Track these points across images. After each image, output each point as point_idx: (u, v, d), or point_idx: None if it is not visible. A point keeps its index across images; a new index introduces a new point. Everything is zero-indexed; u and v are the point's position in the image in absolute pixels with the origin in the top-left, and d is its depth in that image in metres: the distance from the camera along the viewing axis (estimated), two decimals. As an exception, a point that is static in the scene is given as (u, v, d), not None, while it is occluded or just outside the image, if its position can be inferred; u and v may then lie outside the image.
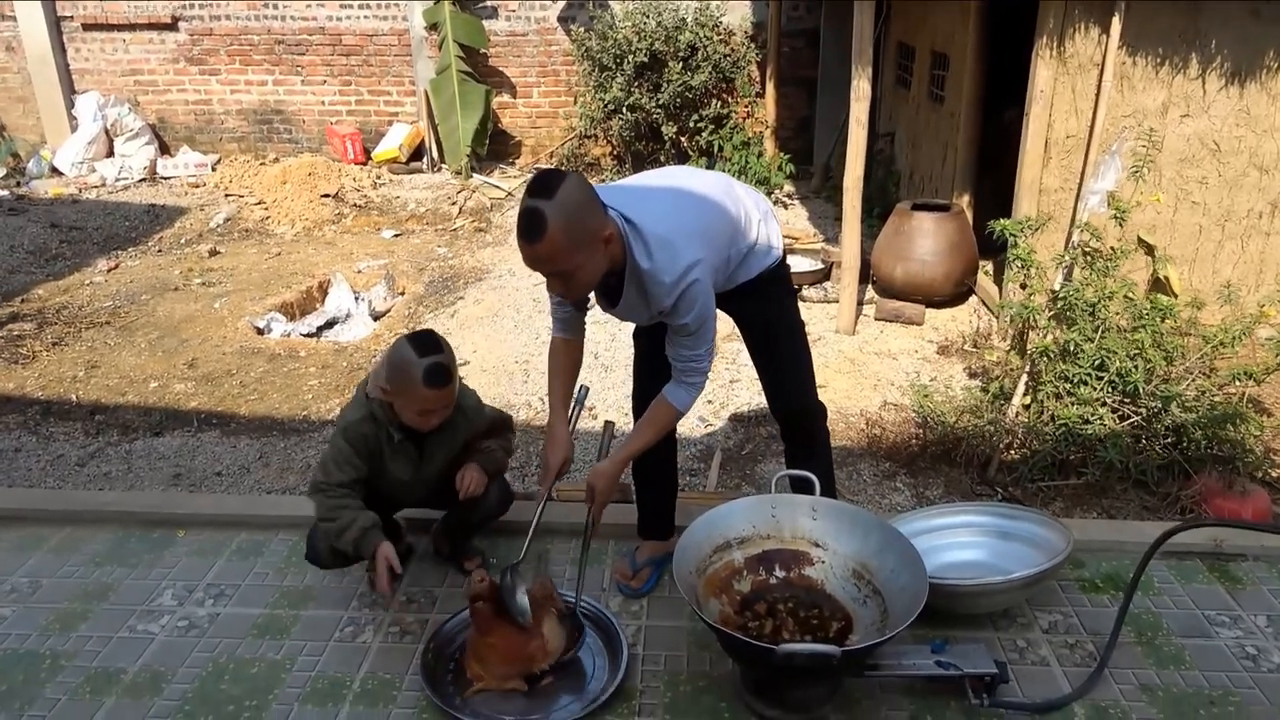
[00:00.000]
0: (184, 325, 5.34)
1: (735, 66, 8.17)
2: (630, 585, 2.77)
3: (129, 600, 2.75)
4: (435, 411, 2.45)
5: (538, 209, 2.02)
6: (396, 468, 2.58)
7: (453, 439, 2.65)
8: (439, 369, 2.38)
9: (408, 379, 2.37)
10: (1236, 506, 3.27)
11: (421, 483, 2.67)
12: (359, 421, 2.51)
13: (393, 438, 2.52)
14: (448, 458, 2.67)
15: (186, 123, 9.22)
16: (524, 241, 2.06)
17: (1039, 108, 4.55)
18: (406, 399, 2.41)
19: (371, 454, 2.53)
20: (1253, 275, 4.80)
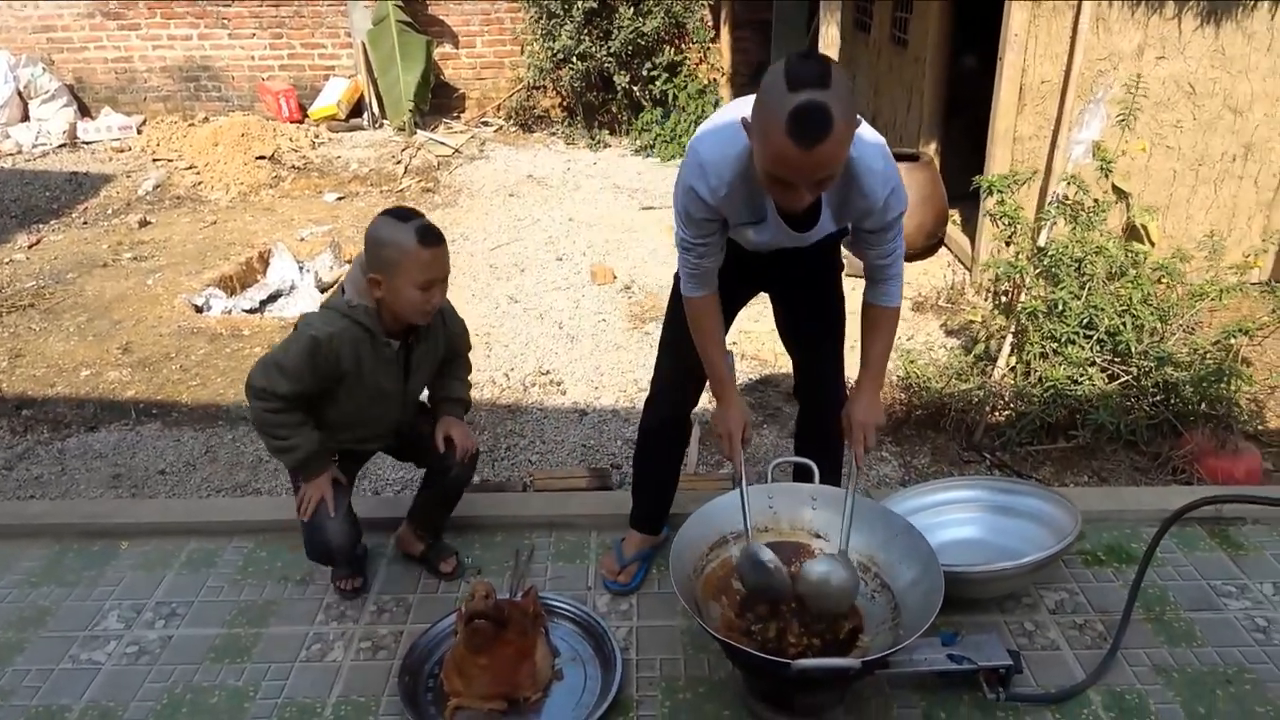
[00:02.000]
0: (115, 305, 4.99)
1: (687, 10, 7.86)
2: (618, 581, 2.60)
3: (69, 625, 2.51)
4: (437, 284, 2.19)
5: (822, 103, 1.61)
6: (383, 379, 2.31)
7: (436, 348, 2.42)
8: (430, 228, 2.16)
9: (401, 250, 2.11)
10: (1229, 466, 3.21)
11: (404, 403, 2.42)
12: (339, 334, 2.20)
13: (383, 344, 2.25)
14: (431, 371, 2.46)
15: (107, 82, 8.64)
16: (803, 145, 1.63)
17: (1013, 53, 4.38)
18: (405, 276, 2.13)
19: (345, 373, 2.24)
20: (1225, 220, 4.72)
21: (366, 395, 2.32)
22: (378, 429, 2.46)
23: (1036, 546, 2.49)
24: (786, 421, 3.70)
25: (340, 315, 2.22)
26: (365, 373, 2.27)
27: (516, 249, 5.57)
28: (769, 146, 1.69)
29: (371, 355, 2.26)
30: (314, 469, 2.35)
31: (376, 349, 2.26)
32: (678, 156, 7.35)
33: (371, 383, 2.30)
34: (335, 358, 2.21)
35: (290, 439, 2.27)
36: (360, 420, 2.39)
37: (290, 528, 2.85)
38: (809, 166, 1.68)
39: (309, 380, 2.21)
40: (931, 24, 5.38)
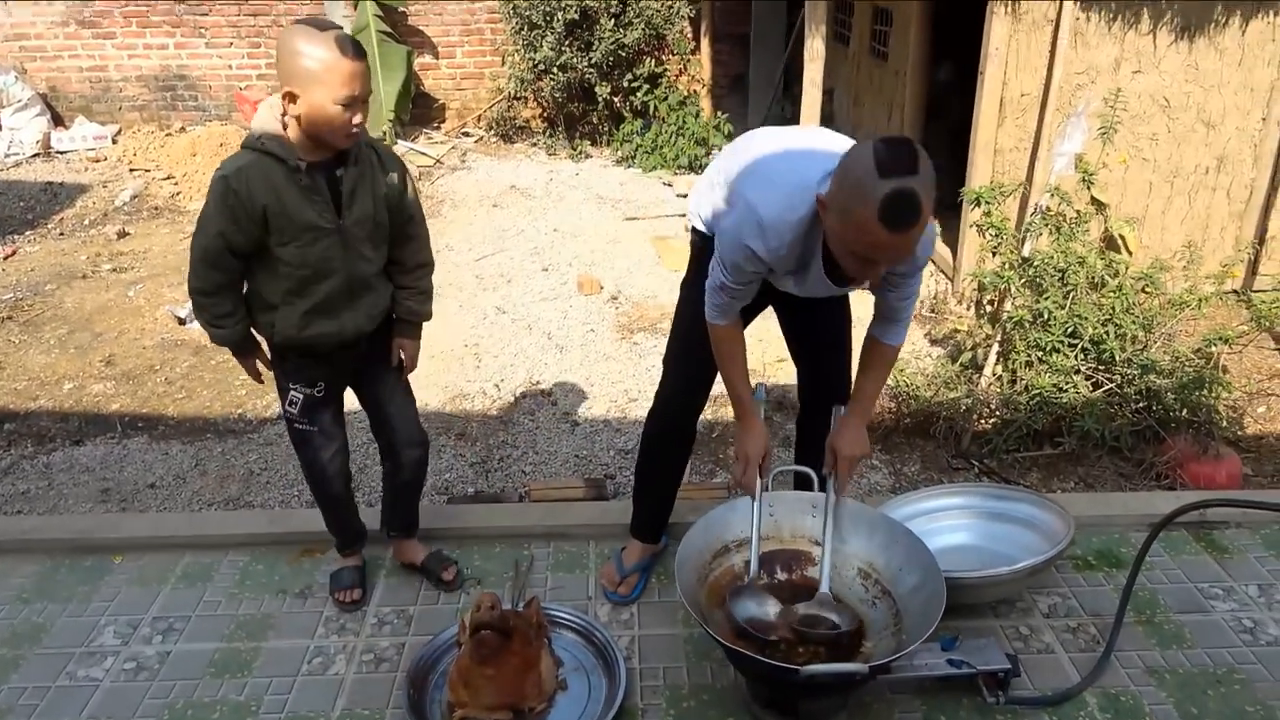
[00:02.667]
0: (97, 317, 4.93)
1: (667, 23, 7.91)
2: (619, 592, 2.61)
3: (66, 641, 2.48)
4: (358, 100, 1.99)
5: (913, 191, 1.67)
6: (312, 213, 2.10)
7: (373, 179, 2.19)
8: (349, 38, 1.99)
9: (319, 60, 1.93)
10: (1211, 471, 3.28)
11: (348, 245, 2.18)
12: (246, 167, 2.03)
13: (298, 170, 2.05)
14: (372, 206, 2.19)
15: (81, 91, 8.54)
16: (898, 231, 1.70)
17: (993, 66, 4.45)
18: (323, 89, 1.95)
19: (267, 211, 2.05)
20: (1200, 230, 4.83)
21: (300, 235, 2.12)
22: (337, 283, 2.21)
23: (1030, 552, 2.53)
24: (778, 430, 3.74)
25: (246, 150, 2.07)
26: (288, 206, 2.07)
27: (502, 259, 5.58)
28: (858, 230, 1.74)
29: (287, 184, 2.06)
30: (242, 349, 2.32)
31: (290, 177, 2.06)
32: (659, 167, 7.40)
33: (299, 217, 2.09)
34: (248, 193, 2.03)
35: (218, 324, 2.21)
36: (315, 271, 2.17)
37: (287, 540, 2.85)
38: (896, 249, 1.76)
39: (229, 228, 2.05)
40: (911, 37, 5.46)
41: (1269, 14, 4.40)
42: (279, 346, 2.31)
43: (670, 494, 2.69)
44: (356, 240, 2.20)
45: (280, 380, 2.37)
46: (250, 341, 2.31)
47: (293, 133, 2.05)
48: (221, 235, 2.07)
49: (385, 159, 2.25)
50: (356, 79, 1.98)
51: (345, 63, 1.95)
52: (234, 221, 2.05)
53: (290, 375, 2.34)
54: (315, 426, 2.41)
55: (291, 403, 2.37)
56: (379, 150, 2.24)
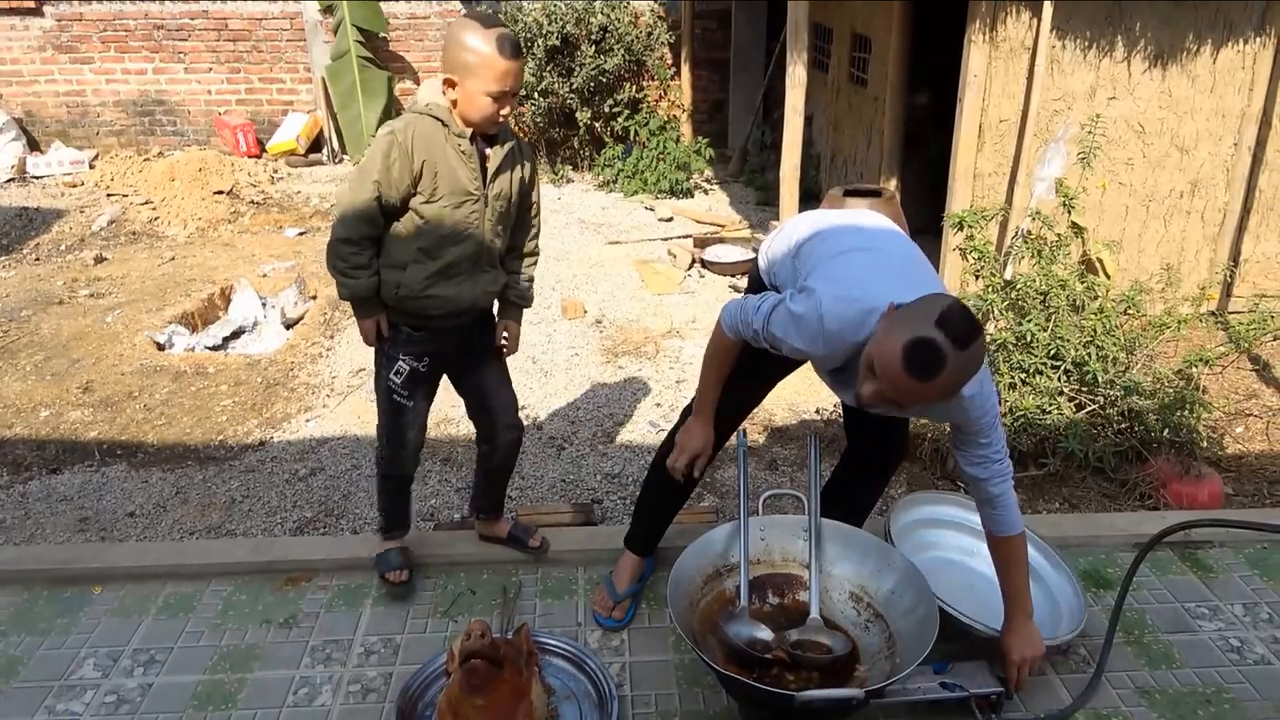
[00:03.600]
0: (74, 344, 4.87)
1: (647, 49, 7.98)
2: (612, 617, 2.59)
3: (44, 675, 2.43)
4: (508, 94, 2.21)
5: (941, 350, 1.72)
6: (464, 175, 2.30)
7: (516, 162, 2.41)
8: (512, 38, 2.19)
9: (480, 55, 2.15)
10: (1193, 490, 3.31)
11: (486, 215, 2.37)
12: (413, 124, 2.24)
13: (460, 137, 2.27)
14: (510, 185, 2.40)
15: (58, 116, 8.49)
16: (908, 373, 1.74)
17: (972, 93, 4.52)
18: (479, 81, 2.17)
19: (424, 167, 2.26)
20: (1175, 254, 4.90)
21: (452, 194, 2.30)
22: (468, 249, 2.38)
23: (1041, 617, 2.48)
24: (764, 455, 3.74)
25: (414, 114, 2.28)
26: (444, 166, 2.28)
27: (485, 284, 5.56)
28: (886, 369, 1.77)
29: (445, 146, 2.27)
30: (363, 307, 2.42)
31: (450, 141, 2.28)
32: (640, 192, 7.43)
33: (452, 178, 2.29)
34: (411, 149, 2.24)
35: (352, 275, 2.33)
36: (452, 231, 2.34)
37: (270, 570, 2.81)
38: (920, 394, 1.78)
39: (385, 180, 2.24)
40: (891, 65, 5.53)
41: (1239, 42, 4.50)
42: (395, 310, 2.44)
43: (672, 514, 2.69)
44: (494, 213, 2.40)
45: (391, 350, 2.49)
46: (376, 300, 2.42)
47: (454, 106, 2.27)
48: (377, 185, 2.25)
49: (524, 150, 2.46)
50: (509, 76, 2.19)
51: (501, 61, 2.16)
52: (390, 175, 2.24)
53: (401, 345, 2.48)
54: (411, 401, 2.54)
55: (398, 372, 2.50)
56: (520, 142, 2.44)
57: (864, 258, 2.08)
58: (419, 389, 2.55)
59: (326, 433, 3.94)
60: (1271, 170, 4.75)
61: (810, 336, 1.96)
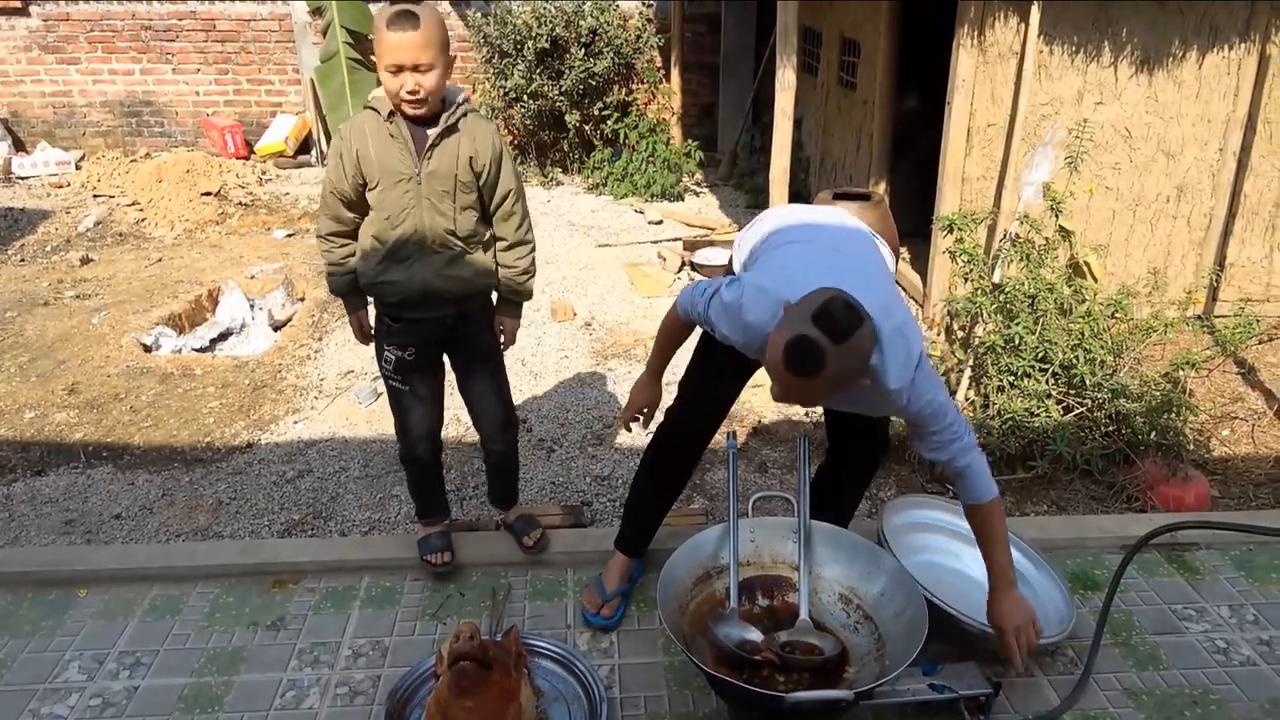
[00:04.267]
0: (59, 345, 4.83)
1: (637, 52, 7.98)
2: (602, 615, 2.59)
3: (28, 678, 2.41)
4: (407, 70, 2.22)
5: (816, 344, 1.73)
6: (394, 158, 2.35)
7: (459, 141, 2.37)
8: (404, 11, 2.20)
9: (377, 30, 2.22)
10: (1180, 493, 3.32)
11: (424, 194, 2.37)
12: (350, 121, 2.39)
13: (389, 120, 2.33)
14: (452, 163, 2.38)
15: (44, 116, 8.43)
16: (790, 372, 1.77)
17: (960, 97, 4.54)
18: (379, 56, 2.24)
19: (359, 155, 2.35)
20: (1162, 258, 4.93)
21: (385, 177, 2.37)
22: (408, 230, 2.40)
23: None
24: (754, 456, 3.74)
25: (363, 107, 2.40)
26: (374, 150, 2.35)
27: (474, 286, 5.55)
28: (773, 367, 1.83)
29: (377, 132, 2.35)
30: (348, 303, 2.63)
31: (381, 126, 2.34)
32: (630, 194, 7.43)
33: (382, 160, 2.35)
34: (349, 142, 2.35)
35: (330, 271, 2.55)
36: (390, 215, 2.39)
37: (258, 572, 2.80)
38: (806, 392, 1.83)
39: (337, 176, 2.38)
40: (880, 69, 5.55)
41: (1224, 48, 4.53)
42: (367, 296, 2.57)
43: (661, 515, 2.70)
44: (432, 192, 2.39)
45: (379, 340, 2.61)
46: (358, 296, 2.59)
47: None
48: (333, 183, 2.41)
49: (482, 128, 2.43)
50: (400, 49, 2.20)
51: (388, 35, 2.20)
52: (340, 169, 2.38)
53: (384, 336, 2.58)
54: (407, 386, 2.61)
55: (386, 361, 2.60)
56: (480, 122, 2.44)
57: (793, 251, 2.13)
58: (413, 375, 2.61)
59: (314, 435, 3.93)
60: (1256, 175, 4.79)
61: (733, 325, 2.03)
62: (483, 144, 2.42)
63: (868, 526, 2.84)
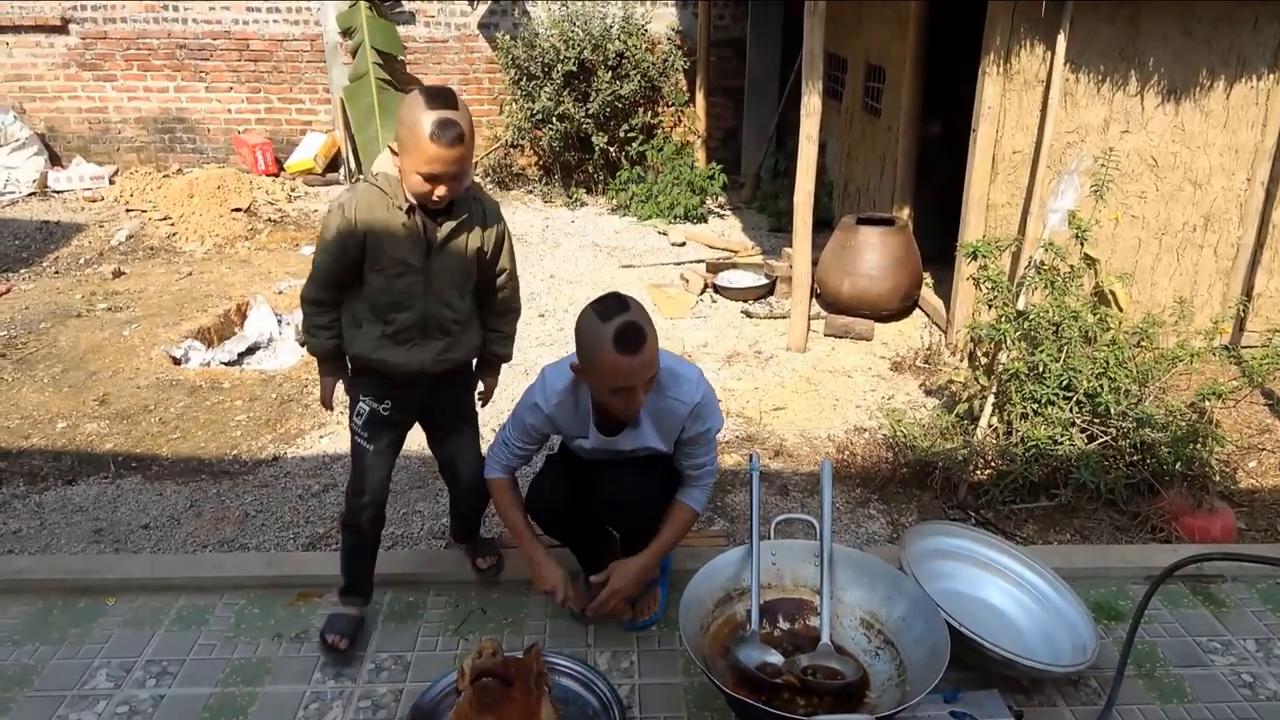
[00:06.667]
0: (91, 356, 4.92)
1: (663, 75, 8.07)
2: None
3: (57, 684, 2.45)
4: (442, 178, 2.18)
5: (635, 322, 2.17)
6: (404, 249, 2.30)
7: (469, 233, 2.37)
8: (449, 122, 2.13)
9: (414, 134, 2.14)
10: (1205, 524, 3.30)
11: (431, 285, 2.36)
12: (358, 194, 2.29)
13: (399, 210, 2.27)
14: (461, 258, 2.38)
15: (80, 132, 8.61)
16: (628, 354, 2.15)
17: (986, 124, 4.55)
18: (412, 160, 2.17)
19: (366, 237, 2.28)
20: (1188, 287, 4.91)
21: (391, 265, 2.31)
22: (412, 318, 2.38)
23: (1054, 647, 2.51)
24: (774, 480, 3.74)
25: (364, 183, 2.32)
26: (382, 236, 2.28)
27: (498, 305, 5.60)
28: (603, 366, 2.19)
29: (386, 216, 2.28)
30: (324, 367, 2.52)
31: (391, 214, 2.28)
32: (655, 216, 7.48)
33: (391, 249, 2.29)
34: (355, 220, 2.27)
35: (313, 334, 2.45)
36: (394, 300, 2.35)
37: (283, 584, 2.83)
38: (637, 369, 2.18)
39: (338, 251, 2.30)
40: (905, 95, 5.58)
41: (1252, 78, 4.53)
42: (355, 361, 2.50)
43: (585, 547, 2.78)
44: (440, 285, 2.38)
45: (352, 391, 2.53)
46: (336, 362, 2.51)
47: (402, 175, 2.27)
48: (331, 254, 2.32)
49: (489, 214, 2.43)
50: (440, 162, 2.16)
51: (431, 147, 2.13)
52: (341, 244, 2.30)
53: (361, 387, 2.50)
54: (372, 445, 2.51)
55: (359, 413, 2.51)
56: (485, 206, 2.42)
57: None
58: (381, 434, 2.51)
59: (340, 449, 3.97)
60: (1284, 206, 4.77)
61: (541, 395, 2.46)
62: (489, 234, 2.42)
63: (889, 552, 2.84)
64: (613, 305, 2.20)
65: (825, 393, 4.53)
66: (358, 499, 2.54)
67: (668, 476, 2.57)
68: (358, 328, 2.41)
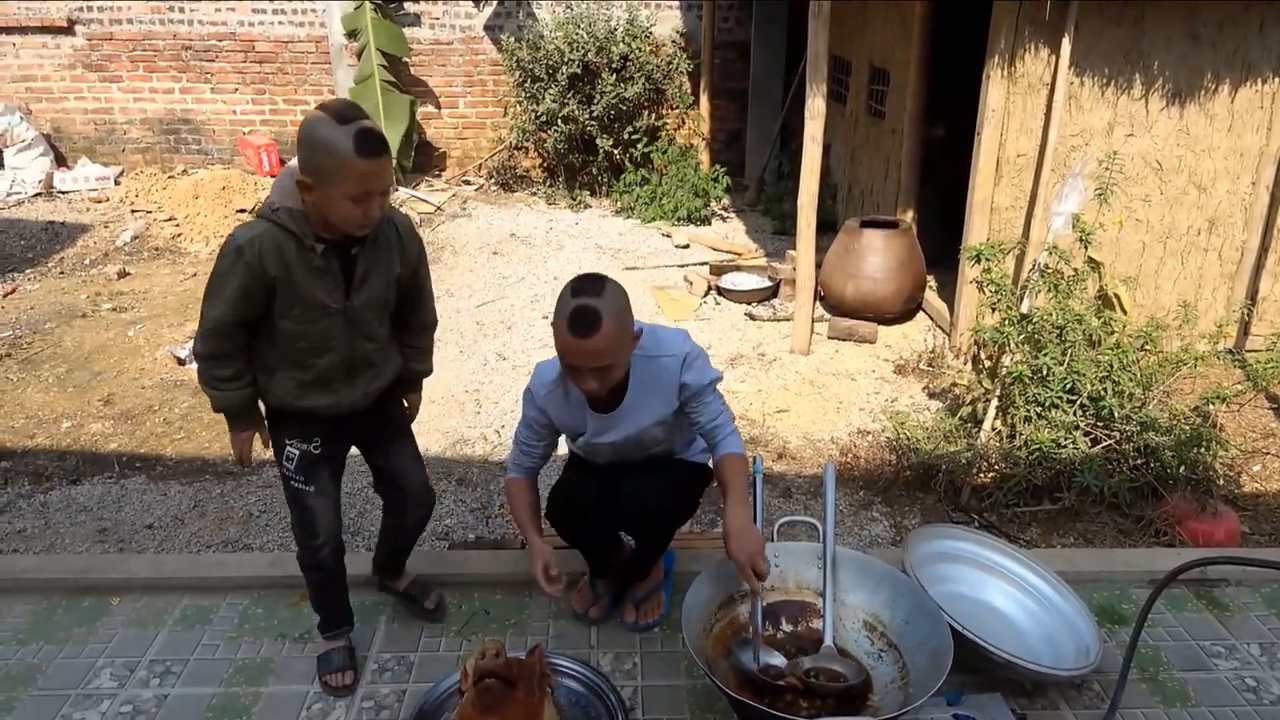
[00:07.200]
0: (96, 356, 4.93)
1: (667, 77, 8.08)
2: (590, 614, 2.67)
3: (61, 683, 2.45)
4: (373, 195, 1.96)
5: (592, 306, 2.07)
6: (320, 292, 2.09)
7: (388, 260, 2.18)
8: (369, 134, 1.92)
9: (335, 156, 1.89)
10: (1209, 528, 3.29)
11: (352, 323, 2.17)
12: (260, 237, 1.99)
13: (312, 251, 2.04)
14: (384, 289, 2.21)
15: (85, 133, 8.63)
16: (577, 337, 2.08)
17: (990, 128, 4.56)
18: (338, 185, 1.92)
19: (276, 283, 2.03)
20: (1192, 291, 4.90)
21: (306, 310, 2.10)
22: (335, 359, 2.20)
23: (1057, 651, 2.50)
24: (778, 482, 3.75)
25: (262, 220, 2.04)
26: (296, 281, 2.06)
27: (502, 306, 5.62)
28: (557, 340, 2.13)
29: (299, 261, 2.05)
30: (235, 422, 2.24)
31: (303, 255, 2.05)
32: (658, 218, 7.49)
33: (306, 294, 2.08)
34: (260, 266, 2.01)
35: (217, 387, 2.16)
36: (312, 345, 2.16)
37: (286, 584, 2.83)
38: (584, 354, 2.10)
39: (240, 299, 2.03)
40: (909, 99, 5.58)
41: (1257, 82, 4.52)
42: (274, 409, 2.28)
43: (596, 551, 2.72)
44: (362, 321, 2.20)
45: (276, 436, 2.30)
46: (250, 414, 2.25)
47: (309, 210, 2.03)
48: (232, 305, 2.04)
49: (404, 235, 2.23)
50: (372, 177, 1.95)
51: (361, 163, 1.92)
52: (245, 293, 2.03)
53: (287, 431, 2.28)
54: (311, 486, 2.32)
55: (288, 458, 2.29)
56: (399, 226, 2.23)
57: None
58: (317, 473, 2.32)
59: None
60: (1289, 210, 4.77)
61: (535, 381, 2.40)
62: (405, 256, 2.23)
63: (892, 555, 2.84)
64: (588, 285, 2.11)
65: (829, 395, 4.53)
66: (312, 541, 2.36)
67: (688, 482, 2.53)
68: (271, 374, 2.19)
